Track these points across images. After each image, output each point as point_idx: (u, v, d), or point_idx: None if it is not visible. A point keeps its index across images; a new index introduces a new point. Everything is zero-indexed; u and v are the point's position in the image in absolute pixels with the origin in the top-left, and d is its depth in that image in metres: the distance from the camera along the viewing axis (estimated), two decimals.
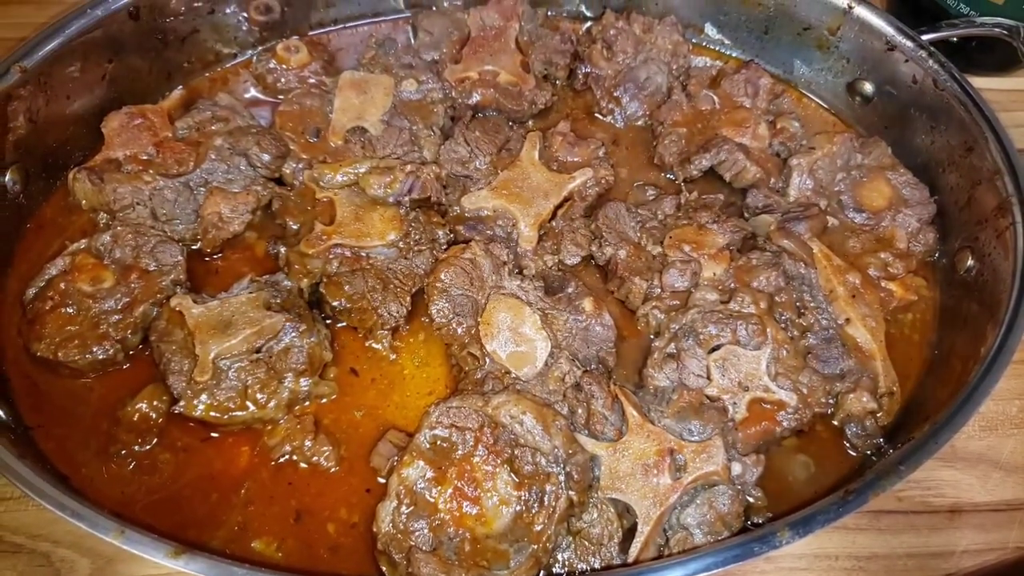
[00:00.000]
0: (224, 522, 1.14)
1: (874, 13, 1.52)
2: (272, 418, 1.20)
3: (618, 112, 1.61)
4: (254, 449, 1.20)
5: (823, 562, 1.19)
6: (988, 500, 1.25)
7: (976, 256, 1.34)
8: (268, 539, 1.14)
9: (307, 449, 1.19)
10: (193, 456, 1.19)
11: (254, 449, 1.20)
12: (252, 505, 1.16)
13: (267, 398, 1.19)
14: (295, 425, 1.20)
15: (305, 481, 1.18)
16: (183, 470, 1.18)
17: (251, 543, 1.13)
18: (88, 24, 1.40)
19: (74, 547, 1.15)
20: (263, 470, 1.19)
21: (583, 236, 1.38)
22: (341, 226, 1.34)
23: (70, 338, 1.22)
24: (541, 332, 1.24)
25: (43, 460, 1.16)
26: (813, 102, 1.68)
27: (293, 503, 1.17)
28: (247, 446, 1.20)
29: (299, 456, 1.19)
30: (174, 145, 1.43)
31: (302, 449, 1.19)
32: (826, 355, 1.24)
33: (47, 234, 1.39)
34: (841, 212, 1.44)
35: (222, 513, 1.15)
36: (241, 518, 1.15)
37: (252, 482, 1.18)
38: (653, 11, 1.68)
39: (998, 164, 1.33)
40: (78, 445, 1.19)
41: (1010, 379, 1.19)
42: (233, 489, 1.17)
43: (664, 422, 1.18)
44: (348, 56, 1.67)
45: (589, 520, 1.11)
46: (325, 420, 1.24)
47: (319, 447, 1.19)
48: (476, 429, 1.12)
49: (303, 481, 1.19)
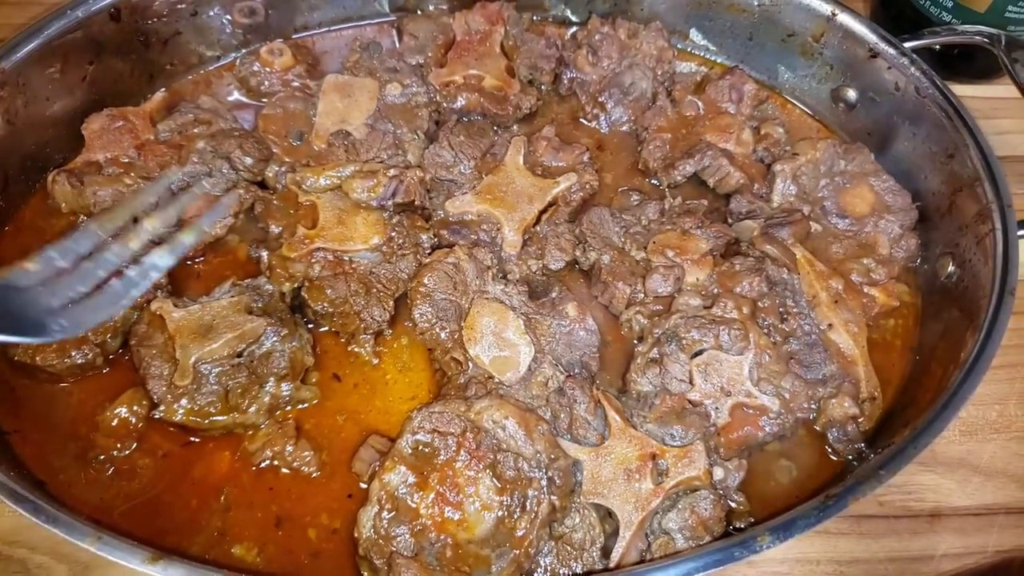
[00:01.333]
0: (204, 527, 1.13)
1: (857, 20, 1.54)
2: (253, 423, 1.19)
3: (603, 117, 1.61)
4: (235, 454, 1.19)
5: (805, 567, 1.19)
6: (968, 504, 1.25)
7: (957, 262, 1.35)
8: (248, 545, 1.13)
9: (288, 454, 1.18)
10: (173, 461, 1.18)
11: (235, 454, 1.19)
12: (232, 511, 1.15)
13: (248, 403, 1.18)
14: (276, 430, 1.20)
15: (286, 486, 1.18)
16: (162, 475, 1.17)
17: (231, 549, 1.12)
18: (68, 25, 1.39)
19: (51, 553, 1.14)
20: (244, 475, 1.18)
21: (567, 241, 1.38)
22: (324, 230, 1.33)
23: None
24: (524, 337, 1.24)
25: (19, 466, 1.15)
26: (797, 108, 1.69)
27: (274, 508, 1.16)
28: (228, 451, 1.20)
29: (280, 461, 1.19)
30: (156, 148, 1.42)
31: (283, 454, 1.18)
32: (809, 360, 1.24)
33: (26, 237, 1.38)
34: (824, 218, 1.45)
35: (202, 518, 1.14)
36: (221, 523, 1.14)
37: (232, 487, 1.17)
38: (638, 16, 1.69)
39: (978, 171, 1.34)
40: (56, 450, 1.18)
41: (989, 384, 1.20)
42: (213, 495, 1.16)
43: (646, 427, 1.18)
44: (332, 59, 1.67)
45: (571, 525, 1.11)
46: (307, 425, 1.23)
47: (300, 452, 1.19)
48: (458, 434, 1.12)
49: (284, 486, 1.18)
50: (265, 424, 1.20)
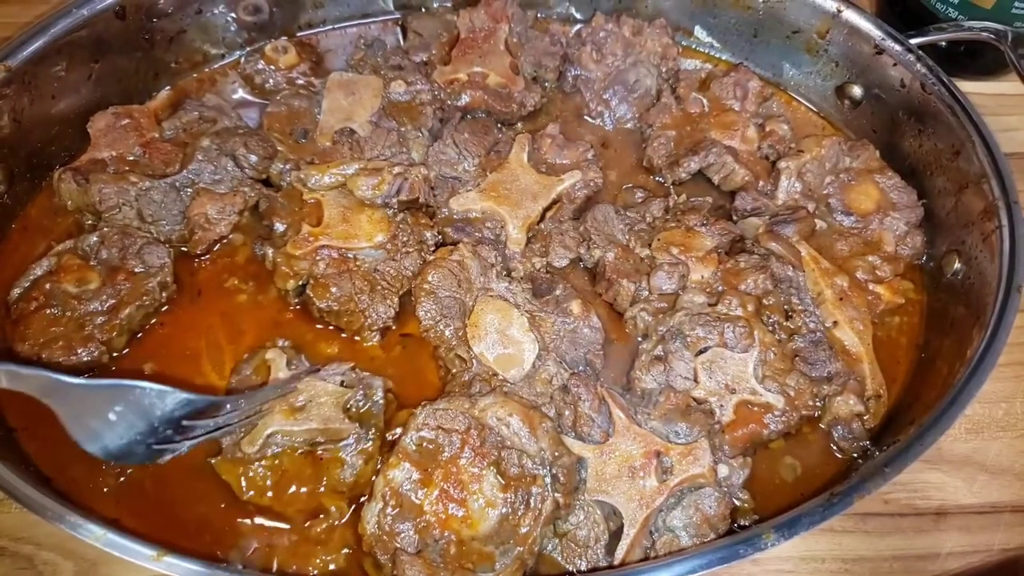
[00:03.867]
0: (211, 525, 1.13)
1: (862, 17, 1.53)
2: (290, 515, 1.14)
3: (607, 114, 1.61)
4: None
5: (809, 564, 1.19)
6: (974, 502, 1.25)
7: (963, 259, 1.35)
8: (253, 543, 1.12)
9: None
10: (181, 459, 1.17)
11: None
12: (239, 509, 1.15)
13: (297, 497, 1.13)
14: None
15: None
16: (170, 473, 1.16)
17: (239, 547, 1.12)
18: (74, 23, 1.39)
19: (57, 549, 1.14)
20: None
21: (571, 238, 1.38)
22: (328, 228, 1.33)
23: (54, 339, 1.21)
24: (529, 334, 1.24)
25: (26, 462, 1.15)
26: (802, 105, 1.68)
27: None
28: None
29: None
30: (161, 146, 1.42)
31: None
32: (813, 358, 1.24)
33: (32, 235, 1.38)
34: (829, 215, 1.45)
35: (210, 516, 1.14)
36: (227, 522, 1.13)
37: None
38: (643, 14, 1.68)
39: (985, 168, 1.33)
40: (63, 447, 1.17)
41: (996, 382, 1.20)
42: (221, 493, 1.15)
43: (651, 424, 1.18)
44: (337, 57, 1.67)
45: (575, 522, 1.11)
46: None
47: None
48: (463, 431, 1.12)
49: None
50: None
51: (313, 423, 1.15)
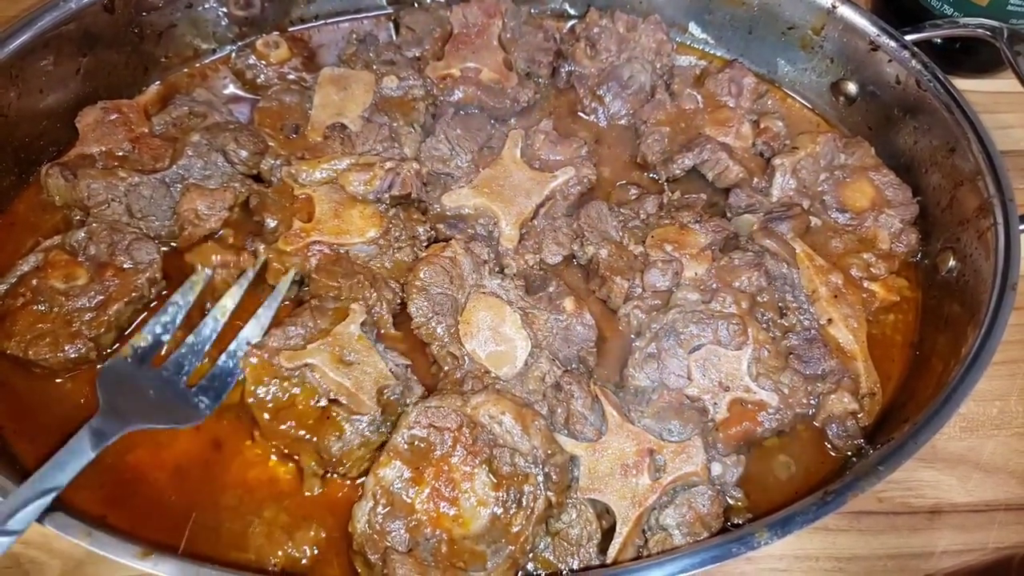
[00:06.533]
0: (199, 524, 1.12)
1: (858, 13, 1.52)
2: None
3: (601, 111, 1.60)
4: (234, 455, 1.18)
5: (804, 563, 1.19)
6: (968, 501, 1.25)
7: (958, 257, 1.34)
8: (245, 542, 1.11)
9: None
10: (171, 457, 1.17)
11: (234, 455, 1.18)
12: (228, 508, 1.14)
13: (285, 433, 1.14)
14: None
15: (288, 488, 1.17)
16: (158, 471, 1.16)
17: (225, 546, 1.11)
18: (62, 17, 1.38)
19: (43, 549, 1.13)
20: (249, 473, 1.17)
21: (565, 235, 1.37)
22: (320, 223, 1.32)
23: (41, 336, 1.19)
24: (521, 332, 1.23)
25: (13, 460, 1.14)
26: (797, 102, 1.67)
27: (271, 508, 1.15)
28: (224, 449, 1.19)
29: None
30: (151, 141, 1.41)
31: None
32: (808, 355, 1.23)
33: (19, 231, 1.36)
34: (824, 212, 1.44)
35: (197, 515, 1.13)
36: (216, 520, 1.13)
37: (233, 489, 1.16)
38: (637, 9, 1.68)
39: (980, 165, 1.33)
40: (49, 445, 1.16)
41: (990, 380, 1.19)
42: (209, 491, 1.15)
43: (644, 422, 1.17)
44: (329, 52, 1.66)
45: (568, 521, 1.10)
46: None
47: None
48: (455, 429, 1.11)
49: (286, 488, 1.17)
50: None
51: (347, 381, 1.15)
